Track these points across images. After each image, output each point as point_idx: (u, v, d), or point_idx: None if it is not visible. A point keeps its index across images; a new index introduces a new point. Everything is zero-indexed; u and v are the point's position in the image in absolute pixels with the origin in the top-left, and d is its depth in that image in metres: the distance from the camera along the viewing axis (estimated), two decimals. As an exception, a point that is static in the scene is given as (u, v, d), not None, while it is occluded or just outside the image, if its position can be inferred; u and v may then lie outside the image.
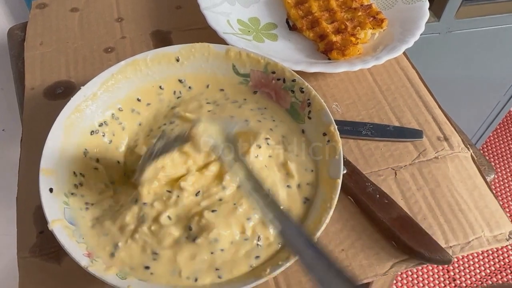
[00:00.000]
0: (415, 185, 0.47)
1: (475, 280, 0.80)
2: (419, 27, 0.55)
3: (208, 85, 0.47)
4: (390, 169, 0.48)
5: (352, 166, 0.47)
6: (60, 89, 0.54)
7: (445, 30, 1.08)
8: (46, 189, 0.36)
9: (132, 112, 0.45)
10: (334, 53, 0.54)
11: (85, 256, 0.34)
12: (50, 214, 0.35)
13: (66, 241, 0.34)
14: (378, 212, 0.43)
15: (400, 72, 0.56)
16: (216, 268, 0.35)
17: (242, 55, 0.46)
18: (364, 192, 0.44)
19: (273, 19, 0.61)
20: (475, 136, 1.52)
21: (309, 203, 0.39)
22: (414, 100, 0.54)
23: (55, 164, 0.38)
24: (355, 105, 0.53)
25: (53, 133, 0.39)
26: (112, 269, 0.34)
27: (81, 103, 0.42)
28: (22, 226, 0.43)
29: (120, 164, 0.42)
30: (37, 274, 0.40)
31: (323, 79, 0.55)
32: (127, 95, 0.45)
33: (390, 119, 0.52)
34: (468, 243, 0.43)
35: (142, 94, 0.45)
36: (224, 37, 0.52)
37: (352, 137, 0.50)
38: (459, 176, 0.47)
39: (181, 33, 0.60)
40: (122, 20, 0.62)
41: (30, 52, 0.58)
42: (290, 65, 0.48)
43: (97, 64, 0.56)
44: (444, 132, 0.51)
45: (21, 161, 0.48)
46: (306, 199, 0.39)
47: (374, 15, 0.58)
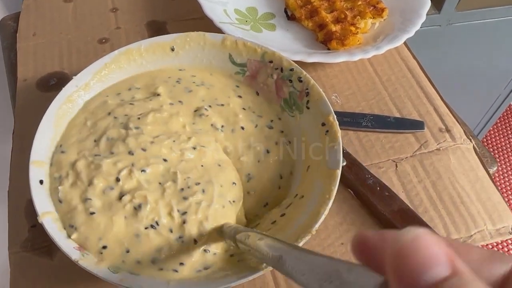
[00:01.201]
0: (416, 177, 0.46)
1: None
2: (420, 16, 0.54)
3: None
4: (391, 161, 0.47)
5: (352, 158, 0.46)
6: (54, 81, 0.53)
7: (446, 22, 1.07)
8: (36, 180, 0.35)
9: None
10: (334, 43, 0.53)
11: (76, 250, 0.33)
12: (40, 206, 0.34)
13: (57, 234, 0.33)
14: (379, 204, 0.42)
15: (400, 62, 0.55)
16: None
17: (238, 44, 0.45)
18: (364, 185, 0.43)
19: (271, 8, 0.60)
20: (476, 129, 1.51)
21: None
22: (415, 91, 0.52)
23: (45, 156, 0.37)
24: (355, 96, 0.52)
25: (43, 124, 0.38)
26: (103, 263, 0.32)
27: (73, 93, 0.41)
28: (13, 221, 0.42)
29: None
30: (29, 269, 0.39)
31: (322, 69, 0.54)
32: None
33: (390, 110, 0.51)
34: (471, 237, 0.42)
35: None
36: (220, 27, 0.51)
37: (352, 129, 0.49)
38: (461, 168, 0.46)
39: (177, 23, 0.59)
40: (117, 10, 0.60)
41: (23, 43, 0.56)
42: (288, 55, 0.47)
43: (91, 55, 0.55)
44: (446, 123, 0.50)
45: (13, 153, 0.46)
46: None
47: (374, 4, 0.56)
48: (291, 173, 0.40)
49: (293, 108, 0.43)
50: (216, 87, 0.43)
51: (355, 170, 0.44)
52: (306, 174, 0.39)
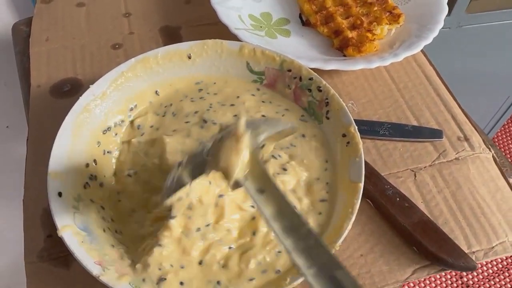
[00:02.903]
0: (435, 187, 0.45)
1: (488, 286, 0.78)
2: (438, 21, 0.53)
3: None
4: (409, 171, 0.46)
5: (370, 167, 0.45)
6: (67, 87, 0.52)
7: (456, 24, 1.06)
8: (54, 193, 0.35)
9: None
10: (350, 50, 0.52)
11: (97, 264, 0.32)
12: (60, 220, 0.33)
13: (77, 249, 0.32)
14: (398, 216, 0.42)
15: (417, 69, 0.54)
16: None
17: (256, 52, 0.44)
18: (383, 195, 0.43)
19: (285, 14, 0.59)
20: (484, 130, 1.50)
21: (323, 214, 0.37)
22: (432, 99, 0.52)
23: (63, 167, 0.37)
24: (372, 103, 0.51)
25: (60, 135, 0.38)
26: (125, 278, 0.32)
27: (90, 102, 0.41)
28: (29, 230, 0.42)
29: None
30: (46, 279, 0.39)
31: (338, 76, 0.53)
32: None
33: (408, 118, 0.50)
34: (492, 248, 0.42)
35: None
36: (236, 33, 0.50)
37: (369, 137, 0.48)
38: (480, 178, 0.46)
39: (191, 29, 0.58)
40: (130, 15, 0.60)
41: (36, 48, 0.56)
42: (305, 63, 0.46)
43: (104, 61, 0.55)
44: (465, 132, 0.49)
45: (27, 161, 0.46)
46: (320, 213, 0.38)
47: (391, 10, 0.56)
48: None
49: (312, 117, 0.42)
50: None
51: (373, 180, 0.44)
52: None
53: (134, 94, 0.43)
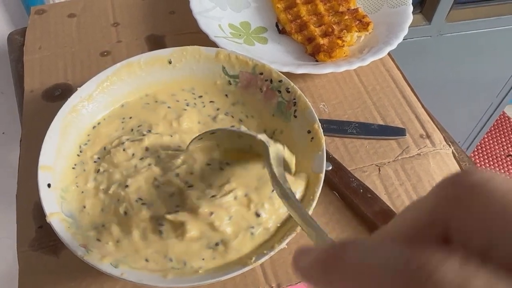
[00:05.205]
0: (397, 181, 0.49)
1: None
2: (403, 29, 0.57)
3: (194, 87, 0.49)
4: (374, 166, 0.50)
5: (338, 162, 0.49)
6: (58, 91, 0.56)
7: (436, 33, 1.09)
8: (44, 184, 0.38)
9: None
10: (322, 55, 0.56)
11: (81, 247, 0.36)
12: (48, 207, 0.37)
13: (63, 233, 0.36)
14: (362, 206, 0.45)
15: (385, 73, 0.59)
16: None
17: (231, 57, 0.48)
18: (348, 187, 0.46)
19: (263, 23, 0.63)
20: (469, 138, 1.53)
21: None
22: (398, 100, 0.56)
23: (52, 161, 0.41)
24: (342, 105, 0.55)
25: (50, 132, 0.42)
26: (106, 259, 0.35)
27: (78, 103, 0.44)
28: (21, 222, 0.45)
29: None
30: (37, 266, 0.42)
31: (311, 80, 0.57)
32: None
33: (375, 118, 0.54)
34: (448, 235, 0.45)
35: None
36: (215, 40, 0.54)
37: (338, 136, 0.52)
38: (440, 172, 0.50)
39: (175, 37, 0.62)
40: (118, 25, 0.64)
41: (30, 56, 0.60)
42: (278, 67, 0.50)
43: (93, 67, 0.59)
44: (427, 130, 0.53)
45: (21, 159, 0.50)
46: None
47: (361, 19, 0.60)
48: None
49: (282, 116, 0.46)
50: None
51: (340, 174, 0.48)
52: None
53: (120, 95, 0.47)
